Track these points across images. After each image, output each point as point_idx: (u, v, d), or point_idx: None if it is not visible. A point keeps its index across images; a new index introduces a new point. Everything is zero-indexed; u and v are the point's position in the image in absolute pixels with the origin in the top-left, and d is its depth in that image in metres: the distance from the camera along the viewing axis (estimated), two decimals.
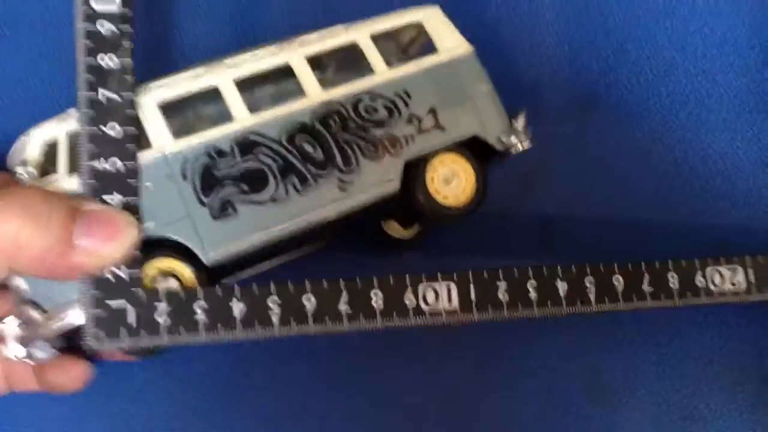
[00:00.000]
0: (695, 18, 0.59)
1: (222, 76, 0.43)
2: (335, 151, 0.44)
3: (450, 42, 0.48)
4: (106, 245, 0.38)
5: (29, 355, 0.40)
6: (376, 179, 0.44)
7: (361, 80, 0.45)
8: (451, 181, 0.46)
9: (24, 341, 0.39)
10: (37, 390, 0.44)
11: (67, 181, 0.41)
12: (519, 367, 0.54)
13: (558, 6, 0.58)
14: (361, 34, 0.46)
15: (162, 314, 0.39)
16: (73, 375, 0.44)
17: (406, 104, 0.46)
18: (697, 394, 0.56)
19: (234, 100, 0.43)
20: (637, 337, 0.55)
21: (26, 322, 0.39)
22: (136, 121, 0.41)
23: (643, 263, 0.45)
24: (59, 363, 0.43)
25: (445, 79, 0.47)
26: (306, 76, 0.44)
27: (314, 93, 0.44)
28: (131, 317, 0.38)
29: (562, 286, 0.43)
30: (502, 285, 0.42)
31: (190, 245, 0.41)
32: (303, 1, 0.56)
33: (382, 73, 0.46)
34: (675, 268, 0.45)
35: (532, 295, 0.43)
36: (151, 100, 0.42)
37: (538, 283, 0.43)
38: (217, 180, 0.42)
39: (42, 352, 0.40)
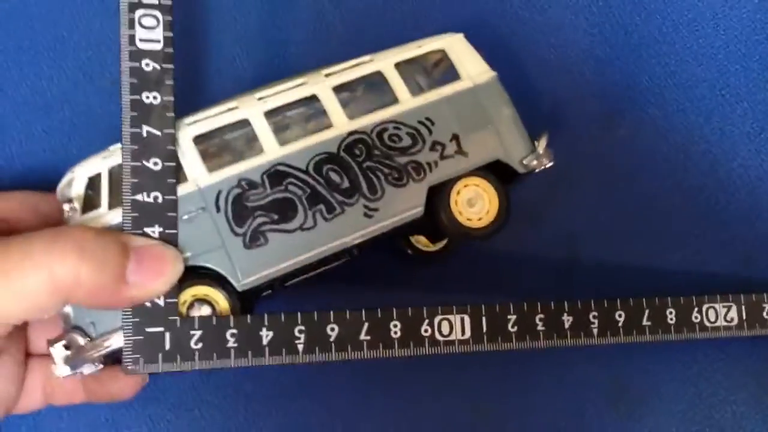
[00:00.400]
0: (719, 33, 0.60)
1: (253, 110, 0.45)
2: (361, 179, 0.45)
3: (472, 69, 0.48)
4: (156, 280, 0.40)
5: (76, 373, 0.42)
6: (400, 205, 0.46)
7: (386, 110, 0.46)
8: (475, 204, 0.47)
9: (71, 363, 0.41)
10: (83, 402, 0.46)
11: (109, 216, 0.42)
12: (540, 379, 0.55)
13: (582, 22, 0.59)
14: (385, 63, 0.47)
15: (196, 340, 0.41)
16: (127, 383, 0.46)
17: (430, 131, 0.46)
18: (721, 401, 0.57)
19: (264, 133, 0.44)
20: (660, 345, 0.55)
21: (73, 347, 0.41)
22: (175, 156, 0.43)
23: (644, 299, 0.47)
24: (113, 373, 0.44)
25: (467, 106, 0.47)
26: (333, 107, 0.46)
27: (340, 123, 0.45)
28: (167, 343, 0.41)
29: (567, 320, 0.45)
30: (512, 318, 0.44)
31: (224, 273, 0.43)
32: (330, 27, 0.56)
33: (405, 101, 0.47)
34: (673, 305, 0.47)
35: (540, 327, 0.44)
36: (186, 135, 0.43)
37: (545, 316, 0.45)
38: (249, 210, 0.43)
39: (88, 369, 0.42)
